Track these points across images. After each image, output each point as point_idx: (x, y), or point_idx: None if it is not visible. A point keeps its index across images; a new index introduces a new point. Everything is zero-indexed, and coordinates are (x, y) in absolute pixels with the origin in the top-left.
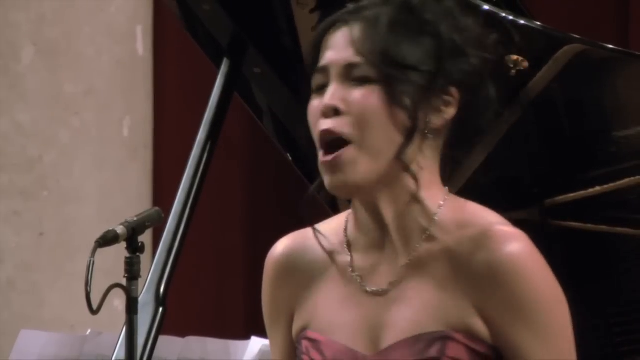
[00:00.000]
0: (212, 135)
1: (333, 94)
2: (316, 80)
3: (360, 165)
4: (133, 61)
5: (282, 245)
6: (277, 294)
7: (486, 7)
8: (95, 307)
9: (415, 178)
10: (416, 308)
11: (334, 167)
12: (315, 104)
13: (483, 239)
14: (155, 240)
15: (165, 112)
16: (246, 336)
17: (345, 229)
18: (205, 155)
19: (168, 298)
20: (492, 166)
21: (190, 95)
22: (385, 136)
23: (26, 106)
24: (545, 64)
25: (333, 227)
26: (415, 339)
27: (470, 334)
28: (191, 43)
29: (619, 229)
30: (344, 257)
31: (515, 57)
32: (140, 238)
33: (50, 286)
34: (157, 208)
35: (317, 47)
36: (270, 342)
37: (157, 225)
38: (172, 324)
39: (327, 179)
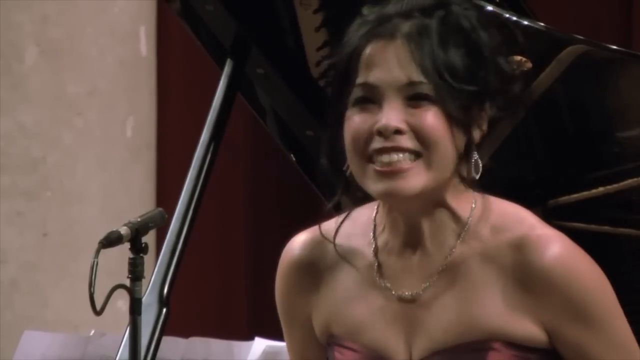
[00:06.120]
0: (215, 136)
1: (390, 115)
2: (356, 93)
3: (426, 178)
4: (136, 62)
5: (298, 244)
6: (292, 298)
7: (490, 7)
8: (98, 307)
9: (472, 187)
10: (453, 316)
11: (395, 174)
12: (358, 120)
13: (523, 245)
14: (158, 241)
15: (168, 113)
16: (249, 337)
17: (374, 232)
18: (209, 155)
19: (171, 299)
20: (494, 167)
21: (194, 96)
22: (448, 153)
23: (29, 107)
24: (549, 64)
25: (359, 225)
26: (454, 349)
27: (512, 340)
28: (194, 43)
29: (622, 230)
30: (371, 260)
31: (518, 57)
32: (144, 239)
33: (54, 287)
34: (160, 209)
35: (354, 59)
36: (286, 341)
37: (160, 226)
38: (176, 324)
39: (380, 185)
